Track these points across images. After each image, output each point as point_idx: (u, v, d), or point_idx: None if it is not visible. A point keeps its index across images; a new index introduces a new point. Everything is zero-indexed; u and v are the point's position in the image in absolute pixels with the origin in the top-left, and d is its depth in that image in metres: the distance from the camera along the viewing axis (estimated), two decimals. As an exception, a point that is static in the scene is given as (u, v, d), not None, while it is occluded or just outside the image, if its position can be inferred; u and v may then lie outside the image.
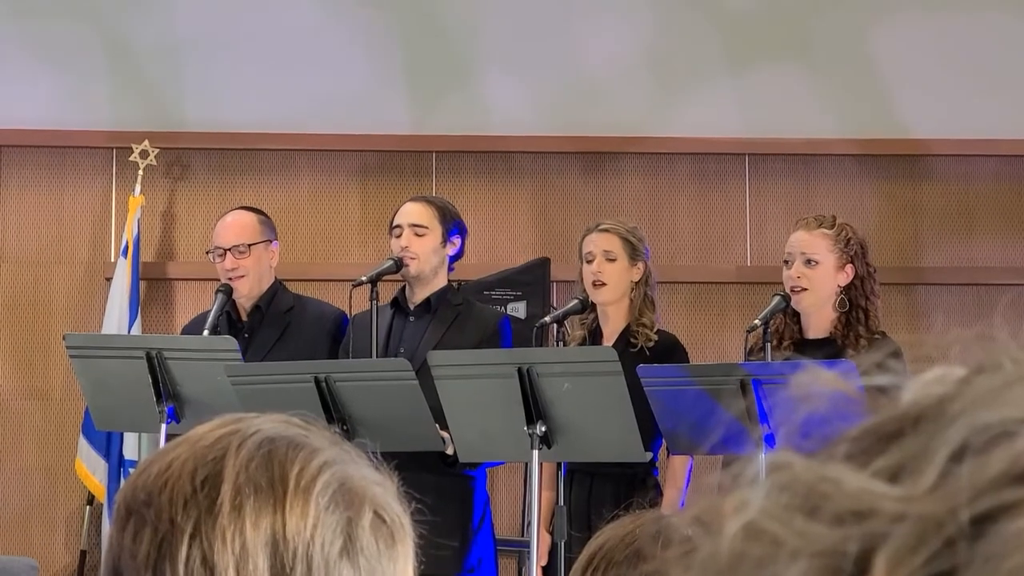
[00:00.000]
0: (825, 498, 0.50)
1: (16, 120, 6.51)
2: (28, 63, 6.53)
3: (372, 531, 1.16)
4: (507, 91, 6.53)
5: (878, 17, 6.55)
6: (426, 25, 6.58)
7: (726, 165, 6.57)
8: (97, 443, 6.03)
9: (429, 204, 5.18)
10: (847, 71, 6.53)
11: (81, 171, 6.56)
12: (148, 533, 1.15)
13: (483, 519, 4.95)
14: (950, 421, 0.50)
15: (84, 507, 6.25)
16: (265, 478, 1.15)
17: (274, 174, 6.57)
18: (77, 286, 6.51)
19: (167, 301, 6.52)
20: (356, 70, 6.55)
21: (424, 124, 6.55)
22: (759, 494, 0.51)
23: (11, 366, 6.47)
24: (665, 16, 6.56)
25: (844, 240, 4.81)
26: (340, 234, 6.57)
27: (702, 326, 6.34)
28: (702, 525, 0.52)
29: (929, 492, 0.49)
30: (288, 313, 5.33)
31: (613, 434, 4.38)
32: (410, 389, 4.46)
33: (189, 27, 6.55)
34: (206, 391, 4.65)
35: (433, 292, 5.08)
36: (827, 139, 6.52)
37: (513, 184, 6.57)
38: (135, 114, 6.52)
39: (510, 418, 4.40)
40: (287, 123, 6.52)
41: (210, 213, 6.08)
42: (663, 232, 6.42)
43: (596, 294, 4.99)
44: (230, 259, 5.31)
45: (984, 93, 6.52)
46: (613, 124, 6.52)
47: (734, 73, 6.55)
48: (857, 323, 4.77)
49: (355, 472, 1.18)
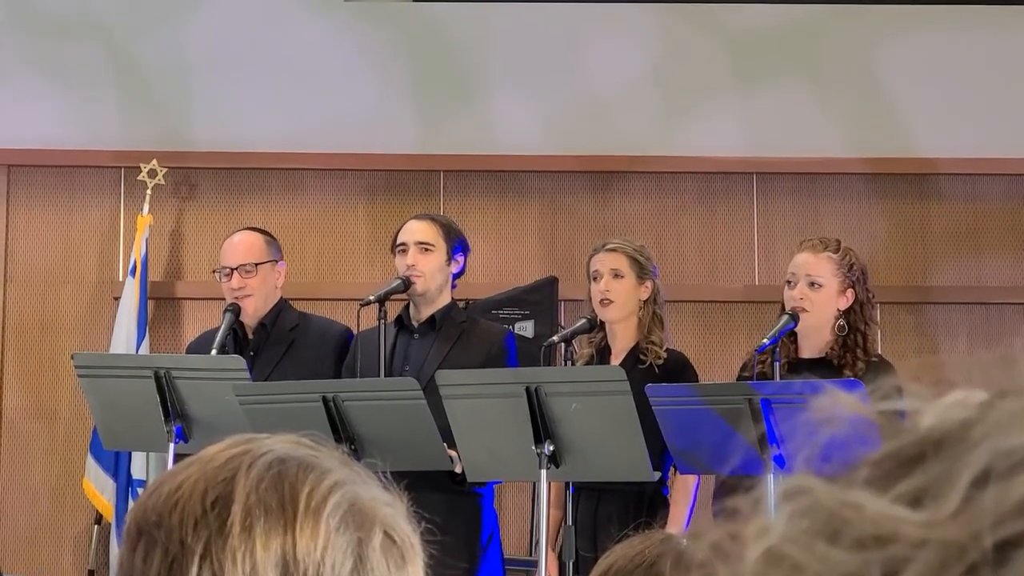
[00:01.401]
0: (847, 523, 0.49)
1: (25, 139, 6.52)
2: (37, 82, 6.54)
3: (382, 552, 1.15)
4: (515, 110, 6.53)
5: (885, 36, 6.55)
6: (434, 45, 6.59)
7: (734, 184, 6.57)
8: (105, 463, 6.02)
9: (434, 222, 5.18)
10: (854, 90, 6.53)
11: (89, 190, 6.57)
12: (159, 554, 1.15)
13: (491, 537, 4.94)
14: (973, 445, 0.50)
15: (92, 527, 6.25)
16: (276, 499, 1.15)
17: (282, 193, 6.57)
18: (85, 305, 6.51)
19: (175, 320, 6.52)
20: (364, 90, 6.56)
21: (432, 143, 6.56)
22: (780, 519, 0.51)
23: (19, 385, 6.47)
24: (672, 36, 6.57)
25: (848, 265, 4.84)
26: (348, 253, 6.57)
27: (709, 345, 6.33)
28: (722, 551, 0.52)
29: (952, 517, 0.48)
30: (293, 331, 5.34)
31: (621, 453, 4.37)
32: (418, 408, 4.46)
33: (197, 47, 6.56)
34: (214, 410, 4.64)
35: (438, 310, 5.08)
36: (835, 158, 6.51)
37: (521, 203, 6.57)
38: (143, 133, 6.53)
39: (518, 437, 4.39)
40: (295, 142, 6.53)
41: (218, 232, 6.08)
42: (670, 251, 6.42)
43: (604, 312, 4.99)
44: (236, 278, 5.32)
45: (992, 112, 6.51)
46: (621, 144, 6.53)
47: (741, 92, 6.55)
48: (855, 346, 4.79)
49: (365, 493, 1.17)
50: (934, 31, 6.55)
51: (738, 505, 0.54)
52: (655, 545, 1.87)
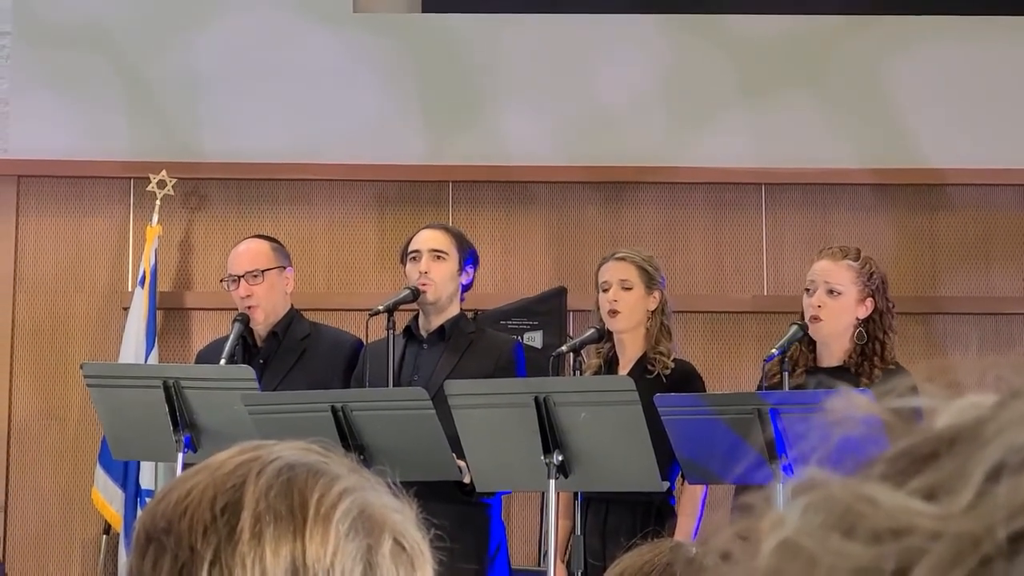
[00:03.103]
0: (862, 516, 0.50)
1: (35, 150, 6.54)
2: (47, 94, 6.55)
3: (392, 558, 1.15)
4: (523, 121, 6.54)
5: (894, 46, 6.55)
6: (443, 56, 6.60)
7: (742, 195, 6.57)
8: (114, 473, 6.03)
9: (447, 231, 5.19)
10: (863, 100, 6.53)
11: (99, 201, 6.58)
12: (168, 561, 1.15)
13: (499, 548, 4.94)
14: (986, 441, 0.50)
15: (101, 536, 6.25)
16: (285, 505, 1.15)
17: (291, 204, 6.58)
18: (94, 315, 6.52)
19: (184, 331, 6.52)
20: (373, 100, 6.57)
21: (441, 154, 6.56)
22: (795, 512, 0.51)
23: (29, 392, 6.48)
24: (681, 47, 6.57)
25: (867, 274, 4.82)
26: (356, 264, 6.57)
27: (718, 355, 6.33)
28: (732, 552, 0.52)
29: (966, 511, 0.49)
30: (304, 340, 5.34)
31: (630, 463, 4.36)
32: (427, 418, 4.45)
33: (207, 58, 6.57)
34: (223, 420, 4.65)
35: (447, 320, 5.08)
36: (844, 169, 6.51)
37: (529, 214, 6.57)
38: (153, 144, 6.54)
39: (527, 447, 4.39)
40: (304, 153, 6.54)
41: (227, 243, 6.09)
42: (679, 262, 6.42)
43: (612, 323, 4.99)
44: (243, 286, 5.32)
45: (1002, 122, 6.51)
46: (629, 154, 6.53)
47: (750, 103, 6.55)
48: (873, 355, 4.77)
49: (375, 499, 1.17)
50: (942, 42, 6.55)
51: (751, 501, 0.54)
52: (664, 553, 1.87)
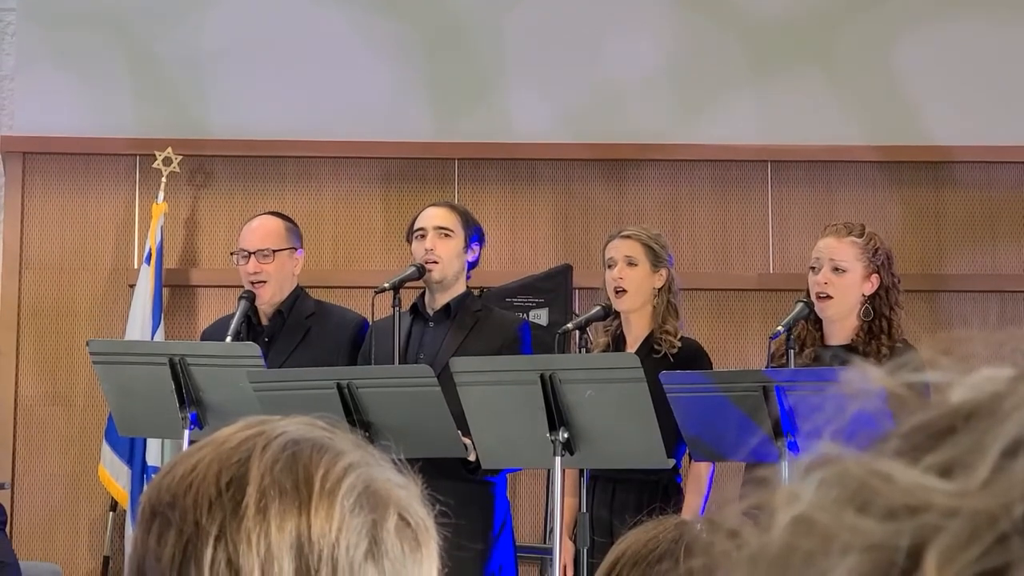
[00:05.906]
0: (876, 493, 0.49)
1: (40, 127, 6.53)
2: (52, 71, 6.55)
3: (397, 534, 1.15)
4: (529, 99, 6.52)
5: (899, 25, 6.53)
6: (449, 33, 6.58)
7: (748, 172, 6.55)
8: (120, 449, 6.03)
9: (453, 209, 5.19)
10: (869, 78, 6.52)
11: (105, 178, 6.57)
12: (173, 535, 1.15)
13: (504, 525, 4.94)
14: (1003, 417, 0.49)
15: (107, 513, 6.26)
16: (290, 480, 1.15)
17: (297, 181, 6.57)
18: (100, 293, 6.52)
19: (190, 308, 6.52)
20: (379, 78, 6.55)
21: (446, 132, 6.55)
22: (809, 488, 0.50)
23: (35, 372, 6.48)
24: (687, 24, 6.55)
25: (872, 250, 4.80)
26: (362, 241, 6.57)
27: (723, 333, 6.32)
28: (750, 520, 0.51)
29: (982, 487, 0.48)
30: (309, 319, 5.33)
31: (636, 441, 4.36)
32: (433, 395, 4.45)
33: (213, 35, 6.56)
34: (229, 397, 4.65)
35: (453, 298, 5.07)
36: (849, 146, 6.50)
37: (535, 191, 6.57)
38: (158, 121, 6.54)
39: (533, 425, 4.39)
40: (310, 130, 6.53)
41: (233, 220, 6.09)
42: (685, 239, 6.41)
43: (618, 302, 4.98)
44: (253, 263, 5.31)
45: (1007, 100, 6.49)
46: (635, 132, 6.52)
47: (755, 80, 6.53)
48: (880, 332, 4.76)
49: (380, 475, 1.17)
50: (948, 19, 6.52)
51: (764, 475, 0.53)
52: (669, 530, 1.87)
